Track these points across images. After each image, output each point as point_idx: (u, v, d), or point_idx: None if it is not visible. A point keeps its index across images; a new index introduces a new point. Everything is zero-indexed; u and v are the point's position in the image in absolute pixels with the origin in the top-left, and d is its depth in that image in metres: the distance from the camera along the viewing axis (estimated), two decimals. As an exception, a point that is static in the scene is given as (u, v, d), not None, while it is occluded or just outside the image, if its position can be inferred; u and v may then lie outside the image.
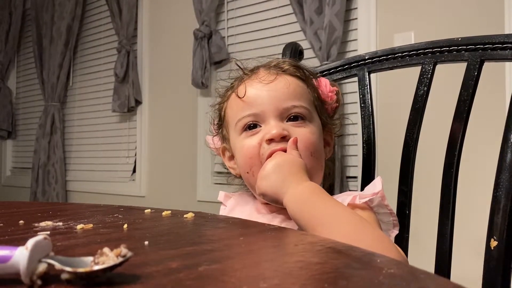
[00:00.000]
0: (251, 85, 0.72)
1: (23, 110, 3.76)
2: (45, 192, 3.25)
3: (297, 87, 0.72)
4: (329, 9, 1.89)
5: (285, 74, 0.73)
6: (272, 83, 0.71)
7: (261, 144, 0.68)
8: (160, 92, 2.73)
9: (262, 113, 0.70)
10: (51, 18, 3.28)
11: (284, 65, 0.74)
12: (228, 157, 0.78)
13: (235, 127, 0.72)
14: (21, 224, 0.52)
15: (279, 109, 0.69)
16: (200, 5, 2.38)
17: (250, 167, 0.70)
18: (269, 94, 0.70)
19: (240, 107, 0.71)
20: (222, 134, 0.79)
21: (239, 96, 0.71)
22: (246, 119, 0.70)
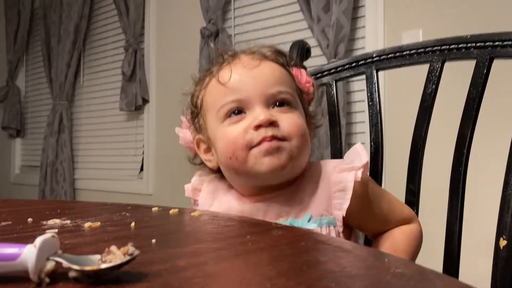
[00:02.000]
0: (234, 70, 0.68)
1: (31, 108, 3.78)
2: (53, 190, 3.27)
3: (281, 74, 0.70)
4: (336, 7, 1.88)
5: (268, 59, 0.70)
6: (256, 68, 0.68)
7: (247, 131, 0.65)
8: (167, 90, 2.73)
9: (248, 99, 0.66)
10: (59, 18, 3.30)
11: (265, 50, 0.71)
12: (204, 150, 0.74)
13: (217, 114, 0.68)
14: (29, 222, 0.53)
15: (265, 94, 0.66)
16: (207, 4, 2.38)
17: (233, 152, 0.65)
18: (255, 80, 0.67)
19: (222, 93, 0.68)
20: (198, 124, 0.74)
21: (221, 81, 0.68)
22: (230, 105, 0.67)
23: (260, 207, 0.68)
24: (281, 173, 0.66)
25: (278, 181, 0.67)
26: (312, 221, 0.64)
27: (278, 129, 0.65)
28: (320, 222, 0.64)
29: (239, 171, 0.67)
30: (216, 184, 0.75)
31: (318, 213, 0.66)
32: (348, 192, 0.64)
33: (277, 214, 0.67)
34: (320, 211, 0.66)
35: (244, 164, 0.65)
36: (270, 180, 0.67)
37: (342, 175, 0.66)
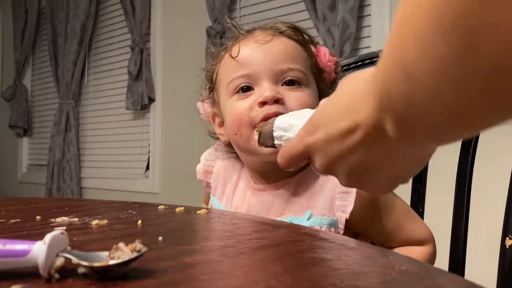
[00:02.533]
0: (245, 44, 0.67)
1: (38, 108, 3.81)
2: (60, 189, 3.30)
3: (294, 50, 0.68)
4: (342, 6, 1.88)
5: (283, 35, 0.68)
6: (268, 43, 0.66)
7: (252, 107, 0.64)
8: (173, 89, 2.74)
9: (256, 74, 0.65)
10: (65, 17, 3.32)
11: (281, 26, 0.70)
12: (218, 123, 0.74)
13: (227, 89, 0.68)
14: (38, 220, 0.53)
15: (274, 70, 0.65)
16: (212, 3, 2.39)
17: (238, 128, 0.65)
18: (265, 55, 0.66)
19: (232, 67, 0.67)
20: (213, 98, 0.74)
21: (232, 55, 0.67)
22: (239, 80, 0.66)
23: (266, 201, 0.68)
24: None
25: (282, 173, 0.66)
26: (312, 220, 0.63)
27: (283, 106, 0.63)
28: (321, 222, 0.63)
29: (243, 148, 0.67)
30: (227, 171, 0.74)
31: (319, 213, 0.64)
32: (352, 194, 0.62)
33: (280, 210, 0.66)
34: (321, 211, 0.64)
35: (248, 142, 0.65)
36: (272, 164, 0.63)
37: None
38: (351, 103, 0.36)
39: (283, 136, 0.48)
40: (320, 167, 0.42)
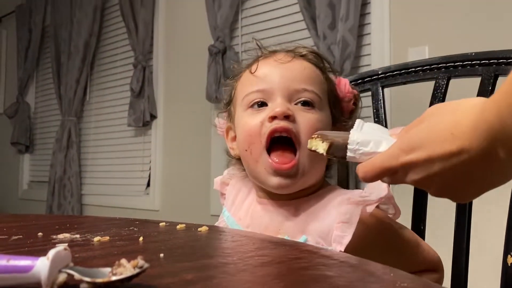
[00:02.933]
0: (265, 62, 0.70)
1: (40, 124, 3.83)
2: (61, 206, 3.29)
3: (312, 73, 0.69)
4: (342, 25, 1.90)
5: (303, 58, 0.71)
6: (287, 63, 0.69)
7: (263, 122, 0.65)
8: (175, 106, 2.76)
9: (271, 90, 0.67)
10: (69, 35, 3.36)
11: (303, 50, 0.72)
12: (232, 138, 0.75)
13: (242, 102, 0.70)
14: (39, 236, 0.53)
15: (289, 89, 0.66)
16: (214, 22, 2.42)
17: (248, 145, 0.66)
18: (281, 73, 0.68)
19: (250, 82, 0.70)
20: (229, 112, 0.76)
21: (251, 71, 0.70)
22: (254, 94, 0.68)
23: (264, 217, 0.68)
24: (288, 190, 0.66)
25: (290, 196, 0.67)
26: None
27: (293, 124, 0.64)
28: None
29: (251, 168, 0.68)
30: (241, 184, 0.76)
31: (314, 240, 0.63)
32: (352, 226, 0.61)
33: (276, 230, 0.66)
34: (316, 239, 0.63)
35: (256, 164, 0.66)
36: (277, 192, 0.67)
37: (350, 207, 0.63)
38: (456, 130, 0.43)
39: (359, 150, 0.52)
40: (413, 182, 0.48)
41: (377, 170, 0.49)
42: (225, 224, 0.73)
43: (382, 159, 0.49)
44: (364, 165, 0.51)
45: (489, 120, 0.40)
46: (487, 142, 0.41)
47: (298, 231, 0.64)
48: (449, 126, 0.44)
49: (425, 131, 0.46)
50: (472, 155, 0.42)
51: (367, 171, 0.50)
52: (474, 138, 0.41)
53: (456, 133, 0.43)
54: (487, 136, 0.40)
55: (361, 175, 0.51)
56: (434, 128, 0.45)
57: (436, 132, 0.45)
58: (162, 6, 2.85)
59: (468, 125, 0.42)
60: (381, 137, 0.53)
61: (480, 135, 0.41)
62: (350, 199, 0.64)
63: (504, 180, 0.45)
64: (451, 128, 0.43)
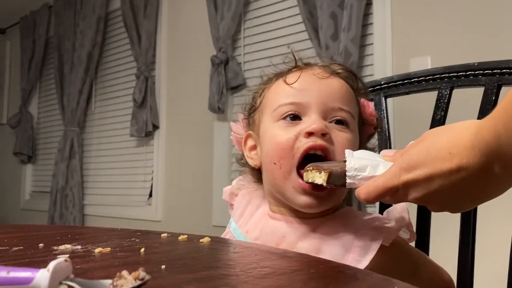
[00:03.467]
0: (303, 74, 0.67)
1: (43, 135, 3.84)
2: (63, 216, 3.28)
3: (348, 92, 0.68)
4: (344, 35, 1.91)
5: (340, 76, 0.69)
6: (326, 79, 0.67)
7: (298, 137, 0.63)
8: (177, 117, 2.77)
9: (307, 104, 0.64)
10: (72, 46, 3.39)
11: (339, 68, 0.70)
12: (250, 147, 0.72)
13: (273, 113, 0.66)
14: (40, 247, 0.53)
15: (326, 106, 0.65)
16: (217, 33, 2.43)
17: (279, 158, 0.63)
18: (319, 88, 0.66)
19: (284, 92, 0.66)
20: (252, 119, 0.72)
21: (287, 82, 0.67)
22: (288, 107, 0.65)
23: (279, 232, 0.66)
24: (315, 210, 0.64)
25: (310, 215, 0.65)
26: None
27: (329, 143, 0.63)
28: None
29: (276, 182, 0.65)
30: (251, 196, 0.73)
31: None
32: (371, 252, 0.60)
33: (290, 247, 0.64)
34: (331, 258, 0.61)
35: (284, 180, 0.63)
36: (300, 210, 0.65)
37: (372, 233, 0.61)
38: (453, 149, 0.47)
39: (358, 176, 0.55)
40: (414, 199, 0.51)
41: (380, 191, 0.52)
42: (232, 235, 0.71)
43: (384, 179, 0.52)
44: (366, 187, 0.53)
45: (486, 138, 0.43)
46: (484, 159, 0.44)
47: (313, 250, 0.62)
48: (446, 145, 0.47)
49: (424, 151, 0.49)
50: (470, 172, 0.46)
51: (369, 192, 0.53)
52: (472, 156, 0.45)
53: (454, 152, 0.46)
54: (484, 154, 0.44)
55: (363, 197, 0.53)
56: (433, 148, 0.49)
57: (434, 152, 0.48)
58: (165, 17, 2.87)
59: (466, 144, 0.46)
60: (376, 160, 0.56)
61: (477, 153, 0.45)
62: (370, 224, 0.63)
63: (499, 192, 0.48)
64: (448, 148, 0.47)
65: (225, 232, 0.74)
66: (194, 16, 2.69)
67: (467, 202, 0.50)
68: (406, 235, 0.67)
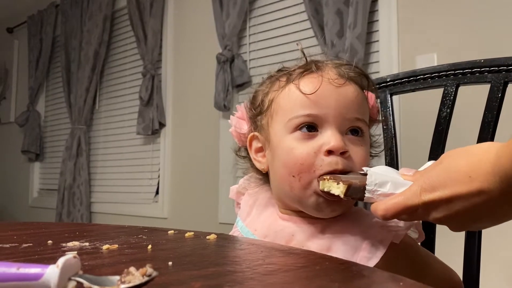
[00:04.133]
0: (320, 83, 0.63)
1: (50, 133, 3.86)
2: (70, 213, 3.31)
3: (362, 99, 0.66)
4: (350, 32, 1.90)
5: (353, 82, 0.66)
6: (341, 87, 0.64)
7: (318, 154, 0.61)
8: (183, 114, 2.77)
9: (324, 116, 0.62)
10: (79, 44, 3.40)
11: (352, 71, 0.67)
12: (256, 148, 0.70)
13: (287, 123, 0.64)
14: (49, 244, 0.54)
15: (344, 117, 0.63)
16: (222, 30, 2.43)
17: (298, 172, 0.62)
18: (338, 99, 0.63)
19: (300, 102, 0.63)
20: (258, 121, 0.70)
21: (302, 91, 0.63)
22: (305, 118, 0.63)
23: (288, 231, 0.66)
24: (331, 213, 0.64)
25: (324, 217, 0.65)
26: None
27: (348, 163, 0.62)
28: None
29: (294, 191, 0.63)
30: (257, 195, 0.73)
31: None
32: (381, 250, 0.60)
33: (300, 245, 0.64)
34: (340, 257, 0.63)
35: (303, 191, 0.63)
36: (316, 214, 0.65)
37: (382, 231, 0.62)
38: (473, 173, 0.48)
39: (377, 191, 0.56)
40: (435, 220, 0.52)
41: (400, 208, 0.53)
42: (240, 234, 0.71)
43: (404, 197, 0.53)
44: (384, 203, 0.54)
45: (505, 166, 0.45)
46: (505, 186, 0.46)
47: (323, 250, 0.62)
48: (466, 169, 0.49)
49: (445, 172, 0.51)
50: (491, 196, 0.47)
51: (388, 208, 0.54)
52: (492, 182, 0.47)
53: (474, 176, 0.48)
54: (505, 181, 0.46)
55: (381, 213, 0.54)
56: (453, 170, 0.50)
57: (455, 174, 0.50)
58: (171, 15, 2.88)
59: (486, 169, 0.47)
60: (396, 178, 0.56)
61: (497, 179, 0.46)
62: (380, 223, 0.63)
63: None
64: (468, 171, 0.49)
65: (233, 231, 0.74)
66: (200, 14, 2.69)
67: (488, 223, 0.52)
68: (415, 234, 0.67)
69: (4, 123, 4.30)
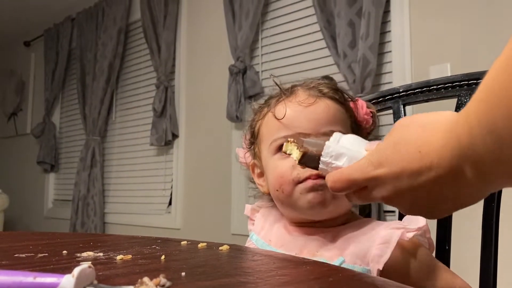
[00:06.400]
0: (289, 106, 0.70)
1: (65, 144, 3.91)
2: (84, 224, 3.33)
3: (336, 112, 0.70)
4: (362, 43, 1.91)
5: (325, 97, 0.71)
6: (311, 106, 0.69)
7: (295, 167, 0.66)
8: (196, 125, 2.79)
9: None
10: (94, 57, 3.46)
11: (323, 87, 0.72)
12: (258, 174, 0.77)
13: (269, 147, 0.71)
14: (64, 254, 0.54)
15: (318, 132, 0.67)
16: (235, 42, 2.45)
17: (280, 185, 0.68)
18: (308, 117, 0.68)
19: (276, 127, 0.70)
20: (253, 150, 0.77)
21: (276, 117, 0.70)
22: (282, 140, 0.68)
23: (298, 242, 0.69)
24: (323, 210, 0.67)
25: (320, 217, 0.69)
26: (344, 266, 0.63)
27: None
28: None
29: (284, 202, 0.70)
30: (270, 211, 0.78)
31: (351, 261, 0.64)
32: (391, 246, 0.62)
33: (313, 252, 0.67)
34: (353, 259, 0.64)
35: (289, 197, 0.68)
36: (312, 215, 0.69)
37: (390, 231, 0.63)
38: (423, 148, 0.42)
39: (332, 164, 0.53)
40: (382, 198, 0.47)
41: (345, 181, 0.50)
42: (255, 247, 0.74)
43: (350, 171, 0.49)
44: (332, 175, 0.51)
45: (459, 135, 0.38)
46: (455, 161, 0.39)
47: (335, 254, 0.65)
48: (417, 143, 0.43)
49: (393, 147, 0.45)
50: (440, 173, 0.41)
51: (335, 180, 0.50)
52: (442, 156, 0.40)
53: (424, 151, 0.42)
54: (456, 155, 0.39)
55: (329, 184, 0.52)
56: (402, 145, 0.44)
57: (404, 149, 0.44)
58: (184, 28, 2.91)
59: (438, 142, 0.41)
60: (357, 152, 0.52)
61: (448, 153, 0.40)
62: (389, 225, 0.65)
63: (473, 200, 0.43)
64: (419, 146, 0.43)
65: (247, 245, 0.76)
66: (213, 26, 2.72)
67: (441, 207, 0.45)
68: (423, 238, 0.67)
69: (20, 135, 4.37)
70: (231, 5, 2.51)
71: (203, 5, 2.82)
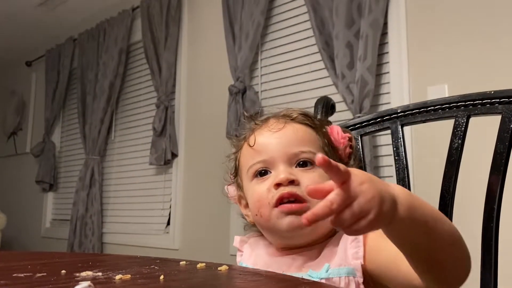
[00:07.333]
0: (260, 133, 0.75)
1: (64, 163, 3.91)
2: (82, 244, 3.31)
3: (305, 134, 0.74)
4: (360, 64, 1.93)
5: (294, 122, 0.75)
6: (280, 131, 0.73)
7: (270, 189, 0.70)
8: (196, 145, 2.80)
9: (272, 159, 0.72)
10: (95, 77, 3.49)
11: (293, 113, 0.77)
12: (244, 205, 0.80)
13: (247, 174, 0.75)
14: (63, 274, 0.54)
15: (288, 154, 0.71)
16: (235, 63, 2.48)
17: (258, 209, 0.71)
18: (277, 141, 0.73)
19: (250, 154, 0.74)
20: (237, 182, 0.81)
21: (249, 144, 0.75)
22: (257, 165, 0.73)
23: (285, 261, 0.71)
24: (301, 232, 0.69)
25: (300, 241, 0.71)
26: (330, 271, 0.66)
27: (298, 187, 0.68)
28: (339, 272, 0.65)
29: (264, 227, 0.73)
30: (258, 241, 0.80)
31: (336, 264, 0.67)
32: (360, 239, 0.65)
33: (299, 267, 0.69)
34: (338, 262, 0.67)
35: (268, 221, 0.70)
36: (291, 238, 0.70)
37: None
38: None
39: None
40: None
41: None
42: None
43: None
44: None
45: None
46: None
47: (321, 263, 0.68)
48: None
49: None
50: None
51: None
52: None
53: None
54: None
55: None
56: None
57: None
58: (185, 49, 2.95)
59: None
60: None
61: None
62: None
63: None
64: None
65: None
66: (213, 47, 2.75)
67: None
68: None
69: (20, 154, 4.37)
70: (231, 27, 2.54)
71: (204, 27, 2.85)
